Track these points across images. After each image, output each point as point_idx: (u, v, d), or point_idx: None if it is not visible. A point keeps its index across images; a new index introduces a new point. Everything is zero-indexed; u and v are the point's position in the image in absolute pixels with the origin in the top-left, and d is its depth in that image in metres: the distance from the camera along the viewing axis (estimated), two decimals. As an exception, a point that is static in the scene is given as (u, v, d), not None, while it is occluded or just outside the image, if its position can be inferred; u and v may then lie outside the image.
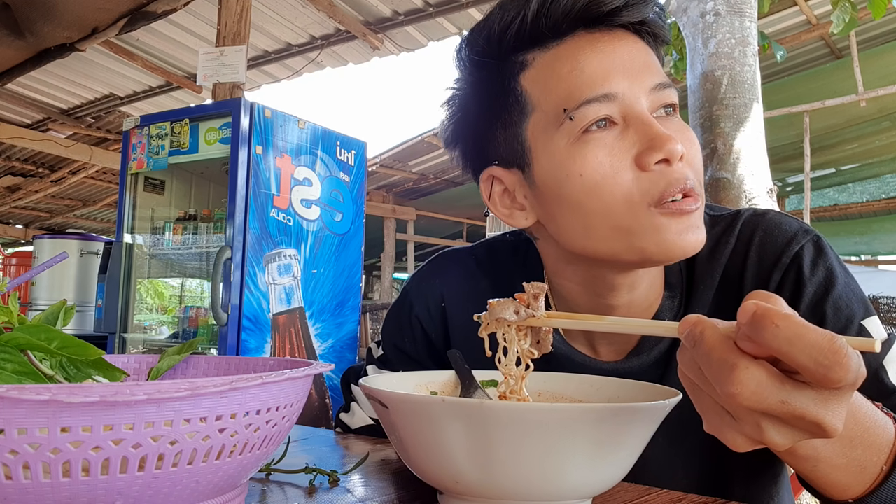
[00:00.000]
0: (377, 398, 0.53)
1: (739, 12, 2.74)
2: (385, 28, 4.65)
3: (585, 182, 0.67)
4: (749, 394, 0.38)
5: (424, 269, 0.93)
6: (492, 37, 0.72)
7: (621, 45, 0.69)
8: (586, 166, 0.67)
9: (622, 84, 0.67)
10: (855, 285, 0.72)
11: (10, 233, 10.60)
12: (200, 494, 0.44)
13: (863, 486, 0.54)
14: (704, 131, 2.76)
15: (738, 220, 0.77)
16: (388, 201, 8.86)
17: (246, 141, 2.92)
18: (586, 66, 0.68)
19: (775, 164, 3.40)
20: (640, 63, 0.69)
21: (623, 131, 0.67)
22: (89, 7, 3.76)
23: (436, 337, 0.88)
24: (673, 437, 0.56)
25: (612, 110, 0.67)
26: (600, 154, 0.66)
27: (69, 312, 0.57)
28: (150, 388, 0.38)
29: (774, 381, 0.38)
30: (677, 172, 0.65)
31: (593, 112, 0.66)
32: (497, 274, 0.86)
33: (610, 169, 0.66)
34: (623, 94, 0.67)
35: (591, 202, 0.67)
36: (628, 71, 0.68)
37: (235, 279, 2.88)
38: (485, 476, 0.49)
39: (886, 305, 5.58)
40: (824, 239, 0.74)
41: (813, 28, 5.10)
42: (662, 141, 0.64)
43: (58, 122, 6.40)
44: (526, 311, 0.57)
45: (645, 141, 0.65)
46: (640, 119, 0.67)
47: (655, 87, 0.68)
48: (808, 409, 0.38)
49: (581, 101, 0.67)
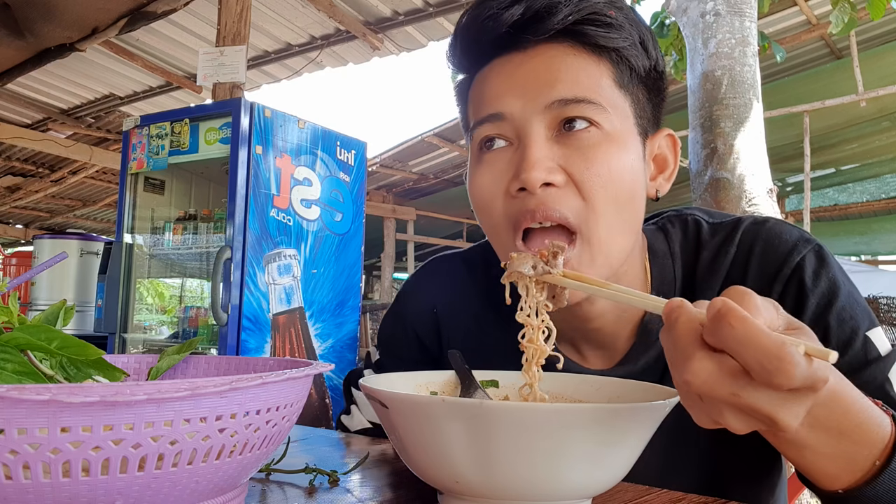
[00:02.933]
0: (377, 398, 0.53)
1: (739, 12, 2.74)
2: (385, 28, 4.65)
3: (476, 202, 0.71)
4: (700, 383, 0.41)
5: (417, 275, 0.94)
6: (451, 55, 0.76)
7: (530, 63, 0.67)
8: (476, 187, 0.70)
9: (515, 104, 0.67)
10: (858, 295, 0.71)
11: (10, 233, 10.59)
12: (200, 494, 0.44)
13: (852, 478, 0.54)
14: (704, 131, 2.76)
15: (738, 228, 0.76)
16: (388, 201, 8.85)
17: (246, 141, 2.92)
18: (486, 87, 0.70)
19: (775, 164, 3.40)
20: (543, 80, 0.66)
21: (514, 153, 0.68)
22: (89, 7, 3.76)
23: (430, 343, 0.89)
24: (670, 439, 0.56)
25: (503, 130, 0.68)
26: (486, 176, 0.69)
27: (69, 312, 0.57)
28: (150, 388, 0.38)
29: (726, 375, 0.41)
30: (532, 202, 0.65)
31: (482, 132, 0.69)
32: (488, 280, 0.86)
33: (489, 192, 0.68)
34: (513, 114, 0.67)
35: (483, 221, 0.71)
36: (524, 89, 0.66)
37: (235, 279, 2.88)
38: (485, 476, 0.49)
39: (887, 305, 5.58)
40: (825, 248, 0.73)
41: (813, 28, 5.10)
42: (522, 168, 0.65)
43: (58, 122, 6.40)
44: (544, 266, 0.58)
45: (517, 168, 0.66)
46: (523, 142, 0.66)
47: (555, 104, 0.66)
48: (761, 404, 0.41)
49: (475, 121, 0.70)
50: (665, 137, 0.76)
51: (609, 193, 0.66)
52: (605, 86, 0.67)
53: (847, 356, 0.67)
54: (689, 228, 0.79)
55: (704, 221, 0.79)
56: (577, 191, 0.65)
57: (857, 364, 0.67)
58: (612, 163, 0.66)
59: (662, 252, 0.77)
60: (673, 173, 0.76)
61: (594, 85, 0.66)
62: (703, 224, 0.79)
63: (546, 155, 0.65)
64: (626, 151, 0.67)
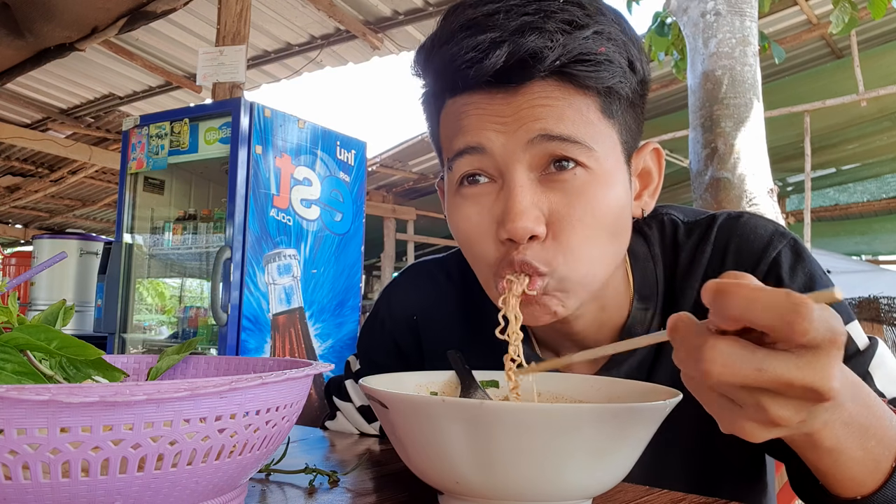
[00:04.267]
0: (377, 398, 0.53)
1: (740, 12, 2.74)
2: (385, 28, 4.64)
3: (460, 235, 0.69)
4: (720, 367, 0.39)
5: (395, 283, 0.93)
6: (418, 74, 0.71)
7: (513, 98, 0.62)
8: (460, 221, 0.68)
9: (496, 139, 0.63)
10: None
11: (9, 233, 10.59)
12: (200, 495, 0.44)
13: (875, 482, 0.54)
14: (705, 131, 2.76)
15: (713, 226, 0.75)
16: (388, 201, 8.85)
17: (246, 141, 2.92)
18: (464, 117, 0.65)
19: (776, 164, 3.40)
20: (527, 115, 0.62)
21: (499, 190, 0.65)
22: (89, 7, 3.76)
23: (409, 351, 0.88)
24: (656, 441, 0.56)
25: (484, 165, 0.65)
26: (471, 212, 0.66)
27: (69, 312, 0.57)
28: (149, 388, 0.37)
29: (744, 351, 0.39)
30: (516, 256, 0.63)
31: (462, 166, 0.66)
32: (466, 287, 0.85)
33: (476, 229, 0.66)
34: (494, 150, 0.63)
35: (468, 252, 0.69)
36: (505, 125, 0.62)
37: (235, 279, 2.88)
38: (485, 476, 0.49)
39: (887, 305, 5.58)
40: (801, 241, 0.73)
41: (813, 28, 5.10)
42: (508, 217, 0.62)
43: (57, 122, 6.40)
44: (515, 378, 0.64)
45: (502, 212, 0.63)
46: (507, 183, 0.63)
47: (538, 139, 0.62)
48: (791, 373, 0.38)
49: (454, 153, 0.66)
50: (651, 152, 0.73)
51: (594, 235, 0.64)
52: (592, 119, 0.63)
53: None
54: (666, 229, 0.78)
55: (680, 221, 0.78)
56: (561, 241, 0.63)
57: None
58: (597, 204, 0.64)
59: (643, 255, 0.76)
60: (658, 188, 0.74)
61: (580, 120, 0.63)
62: (679, 224, 0.78)
63: (531, 201, 0.62)
64: (613, 187, 0.65)
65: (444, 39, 0.64)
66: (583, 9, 0.62)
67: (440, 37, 0.65)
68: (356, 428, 0.91)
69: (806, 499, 0.62)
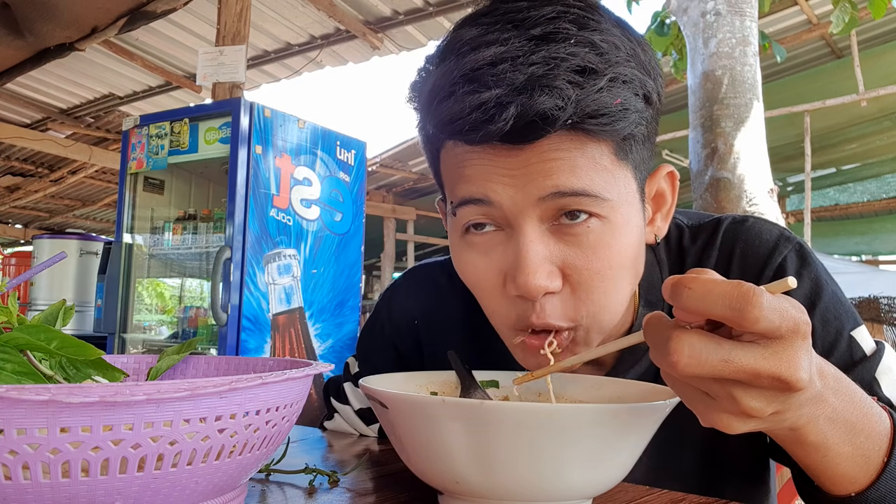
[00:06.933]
0: (377, 398, 0.53)
1: (740, 12, 2.74)
2: (385, 27, 4.65)
3: (468, 280, 0.67)
4: (686, 359, 0.40)
5: (396, 286, 0.92)
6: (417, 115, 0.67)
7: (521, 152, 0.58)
8: (467, 267, 0.65)
9: (504, 192, 0.59)
10: (841, 294, 0.70)
11: (9, 233, 10.60)
12: (200, 495, 0.44)
13: (867, 478, 0.54)
14: (705, 131, 2.76)
15: (718, 230, 0.75)
16: (388, 201, 8.85)
17: (246, 141, 2.92)
18: (469, 166, 0.61)
19: (776, 164, 3.40)
20: (537, 170, 0.58)
21: (507, 240, 0.62)
22: (89, 6, 3.76)
23: (409, 355, 0.88)
24: (660, 440, 0.56)
25: (492, 215, 0.61)
26: (478, 260, 0.64)
27: (68, 312, 0.57)
28: (149, 388, 0.37)
29: (710, 343, 0.40)
30: (531, 312, 0.61)
31: (468, 214, 0.62)
32: (468, 291, 0.85)
33: (484, 277, 0.64)
34: (502, 203, 0.59)
35: (478, 297, 0.68)
36: (514, 179, 0.58)
37: (235, 279, 2.88)
38: (485, 476, 0.49)
39: (887, 305, 5.58)
40: (807, 246, 0.72)
41: (813, 28, 5.10)
42: (519, 272, 0.59)
43: (57, 122, 6.40)
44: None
45: (512, 266, 0.61)
46: (517, 236, 0.60)
47: (549, 196, 0.58)
48: (758, 363, 0.40)
49: (460, 200, 0.62)
50: (665, 176, 0.71)
51: (613, 282, 0.62)
52: (606, 165, 0.59)
53: (833, 357, 0.66)
54: (671, 234, 0.77)
55: (684, 225, 0.77)
56: (580, 294, 0.61)
57: (843, 365, 0.66)
58: (614, 254, 0.61)
59: (649, 261, 0.75)
60: (671, 210, 0.72)
61: (593, 168, 0.59)
62: (684, 228, 0.77)
63: (543, 255, 0.59)
64: (629, 233, 0.62)
65: (445, 92, 0.58)
66: (594, 48, 0.57)
67: (440, 86, 0.58)
68: (353, 430, 0.91)
69: (809, 501, 0.62)
